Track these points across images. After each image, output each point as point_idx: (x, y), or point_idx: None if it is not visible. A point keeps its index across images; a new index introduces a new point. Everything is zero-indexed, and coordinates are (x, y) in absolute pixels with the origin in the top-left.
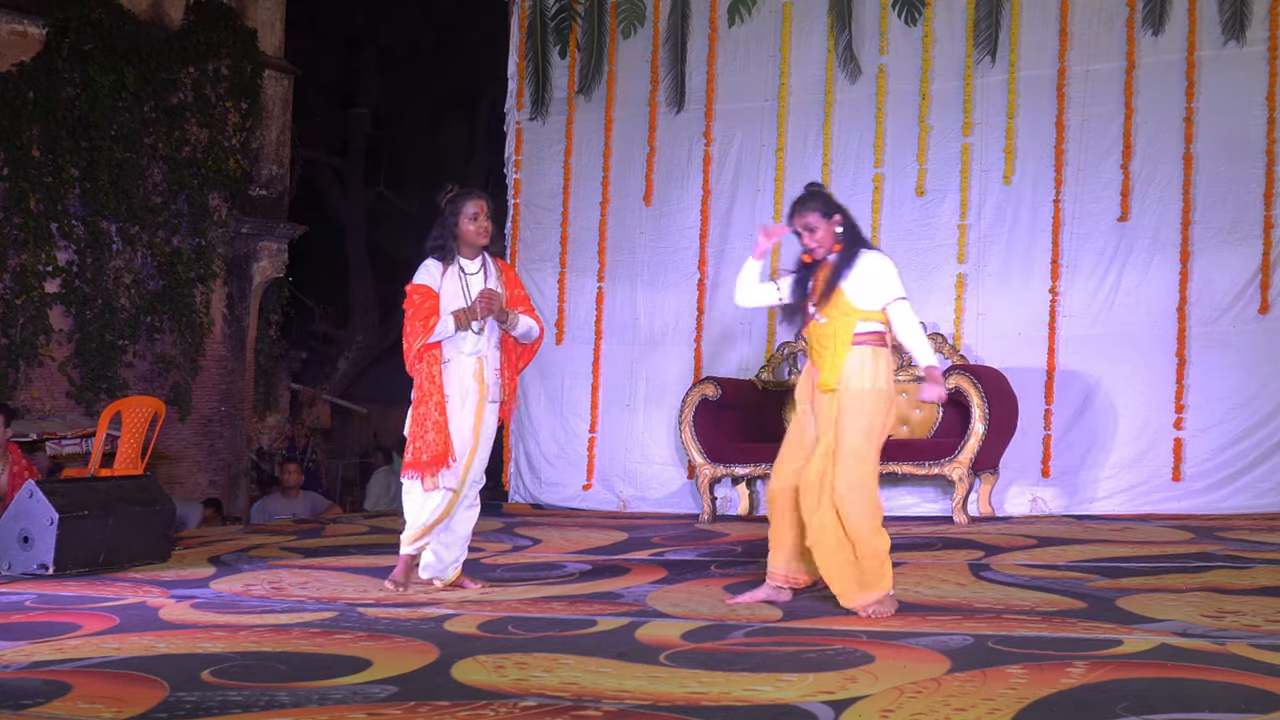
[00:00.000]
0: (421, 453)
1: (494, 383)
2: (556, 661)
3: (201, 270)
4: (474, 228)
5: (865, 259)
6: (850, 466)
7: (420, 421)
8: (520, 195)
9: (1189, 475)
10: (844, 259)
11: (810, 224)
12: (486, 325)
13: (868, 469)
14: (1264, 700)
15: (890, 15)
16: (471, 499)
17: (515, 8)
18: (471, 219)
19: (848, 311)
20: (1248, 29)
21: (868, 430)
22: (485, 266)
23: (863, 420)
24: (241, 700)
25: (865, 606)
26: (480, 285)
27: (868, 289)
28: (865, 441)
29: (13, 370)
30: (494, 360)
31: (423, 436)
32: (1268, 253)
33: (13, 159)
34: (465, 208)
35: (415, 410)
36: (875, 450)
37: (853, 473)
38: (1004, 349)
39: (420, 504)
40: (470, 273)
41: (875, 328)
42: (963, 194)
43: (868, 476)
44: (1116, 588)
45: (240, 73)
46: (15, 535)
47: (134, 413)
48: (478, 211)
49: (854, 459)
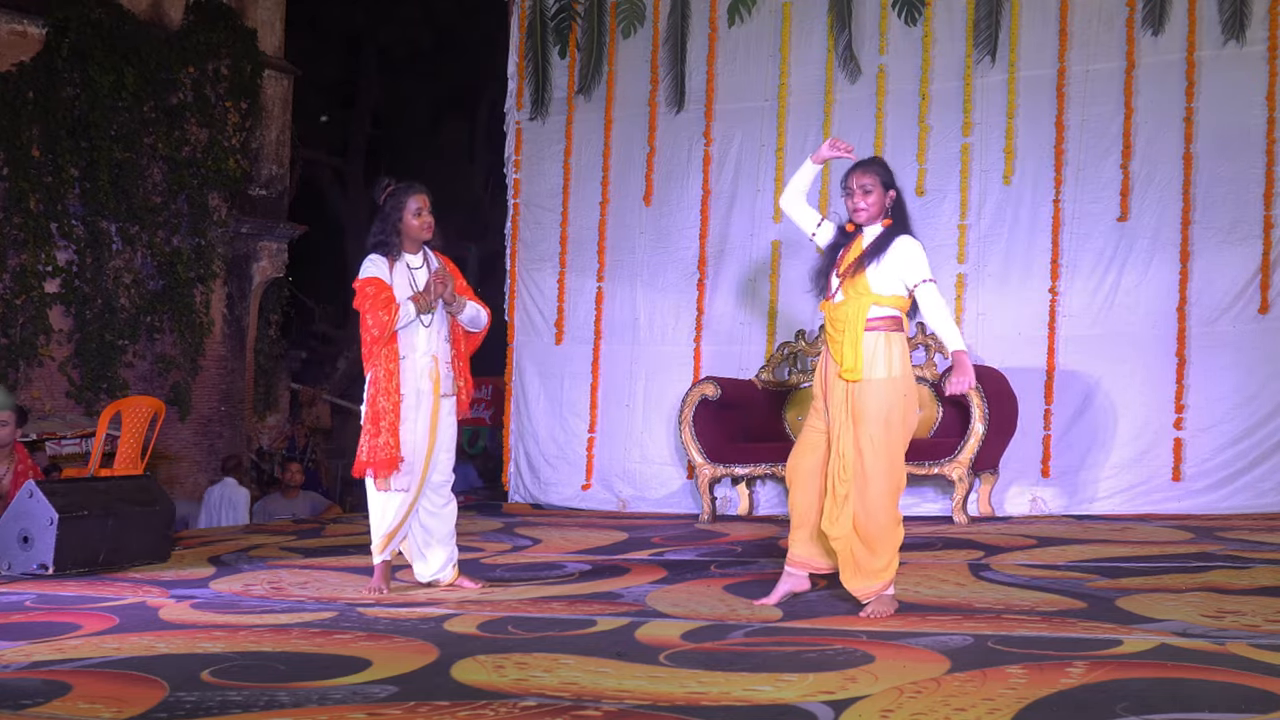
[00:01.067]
0: (375, 453)
1: (447, 375)
2: (556, 661)
3: (201, 270)
4: (418, 223)
5: (900, 243)
6: (870, 456)
7: (375, 420)
8: (520, 195)
9: (1189, 475)
10: (883, 238)
11: (867, 185)
12: (436, 318)
13: (885, 459)
14: (1264, 700)
15: (890, 15)
16: (445, 498)
17: (515, 8)
18: (415, 214)
19: (864, 293)
20: (1247, 29)
21: (886, 418)
22: (427, 260)
23: (881, 408)
24: (241, 700)
25: (866, 597)
26: (425, 279)
27: (891, 272)
28: (883, 430)
29: (13, 370)
30: (445, 354)
31: (375, 437)
32: (1268, 252)
33: (13, 159)
34: (408, 203)
35: (370, 408)
36: (896, 440)
37: (871, 462)
38: (1004, 349)
39: (381, 508)
40: (414, 267)
41: (890, 312)
42: (962, 194)
43: (888, 466)
44: (1116, 588)
45: (240, 73)
46: (15, 535)
47: (134, 413)
48: (420, 206)
49: (871, 448)
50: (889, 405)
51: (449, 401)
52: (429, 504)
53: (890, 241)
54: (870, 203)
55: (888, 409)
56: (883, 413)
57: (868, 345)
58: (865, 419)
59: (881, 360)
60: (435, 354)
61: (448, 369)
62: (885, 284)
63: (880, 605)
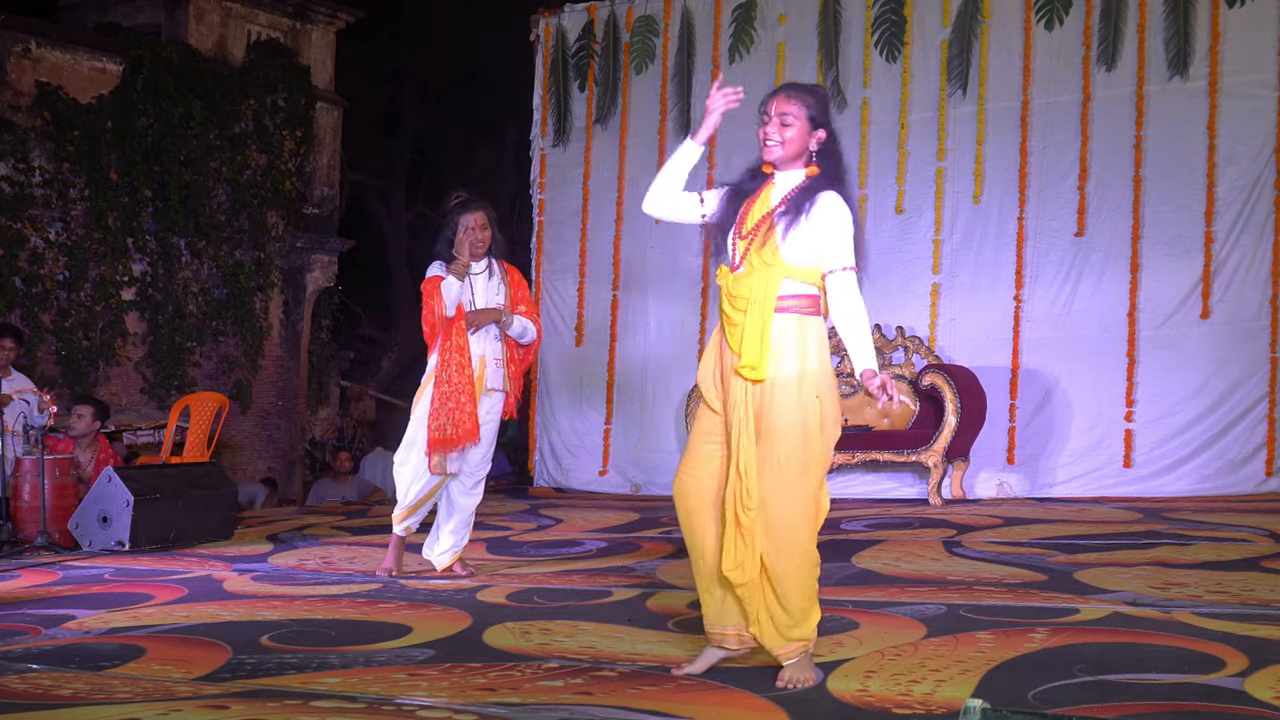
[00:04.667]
0: (445, 429)
1: (495, 371)
2: (576, 628)
3: (261, 280)
4: (468, 239)
5: (824, 202)
6: (779, 480)
7: (444, 400)
8: (544, 214)
9: (1138, 462)
10: (804, 192)
11: (788, 116)
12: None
13: (800, 481)
14: (1206, 662)
15: (873, 53)
16: (474, 483)
17: (539, 46)
18: (466, 231)
19: (773, 262)
20: (1190, 66)
21: (802, 428)
22: (490, 266)
23: (793, 414)
24: (296, 662)
25: (786, 656)
26: (484, 284)
27: (811, 241)
28: (799, 443)
29: (93, 369)
30: (495, 352)
31: (448, 415)
32: (1208, 264)
33: (93, 181)
34: (464, 220)
35: (438, 389)
36: (815, 455)
37: (782, 484)
38: (973, 350)
39: (409, 481)
40: (474, 273)
41: (805, 289)
42: (937, 212)
43: (805, 490)
44: (1074, 562)
45: (295, 105)
46: (95, 516)
47: (201, 407)
48: (473, 224)
49: (783, 470)
50: (804, 410)
51: (493, 398)
52: (460, 485)
53: (813, 198)
54: (787, 138)
55: (802, 416)
56: (796, 421)
57: (776, 333)
58: (774, 429)
59: (792, 352)
60: (483, 353)
61: (496, 365)
62: (802, 252)
63: (799, 668)
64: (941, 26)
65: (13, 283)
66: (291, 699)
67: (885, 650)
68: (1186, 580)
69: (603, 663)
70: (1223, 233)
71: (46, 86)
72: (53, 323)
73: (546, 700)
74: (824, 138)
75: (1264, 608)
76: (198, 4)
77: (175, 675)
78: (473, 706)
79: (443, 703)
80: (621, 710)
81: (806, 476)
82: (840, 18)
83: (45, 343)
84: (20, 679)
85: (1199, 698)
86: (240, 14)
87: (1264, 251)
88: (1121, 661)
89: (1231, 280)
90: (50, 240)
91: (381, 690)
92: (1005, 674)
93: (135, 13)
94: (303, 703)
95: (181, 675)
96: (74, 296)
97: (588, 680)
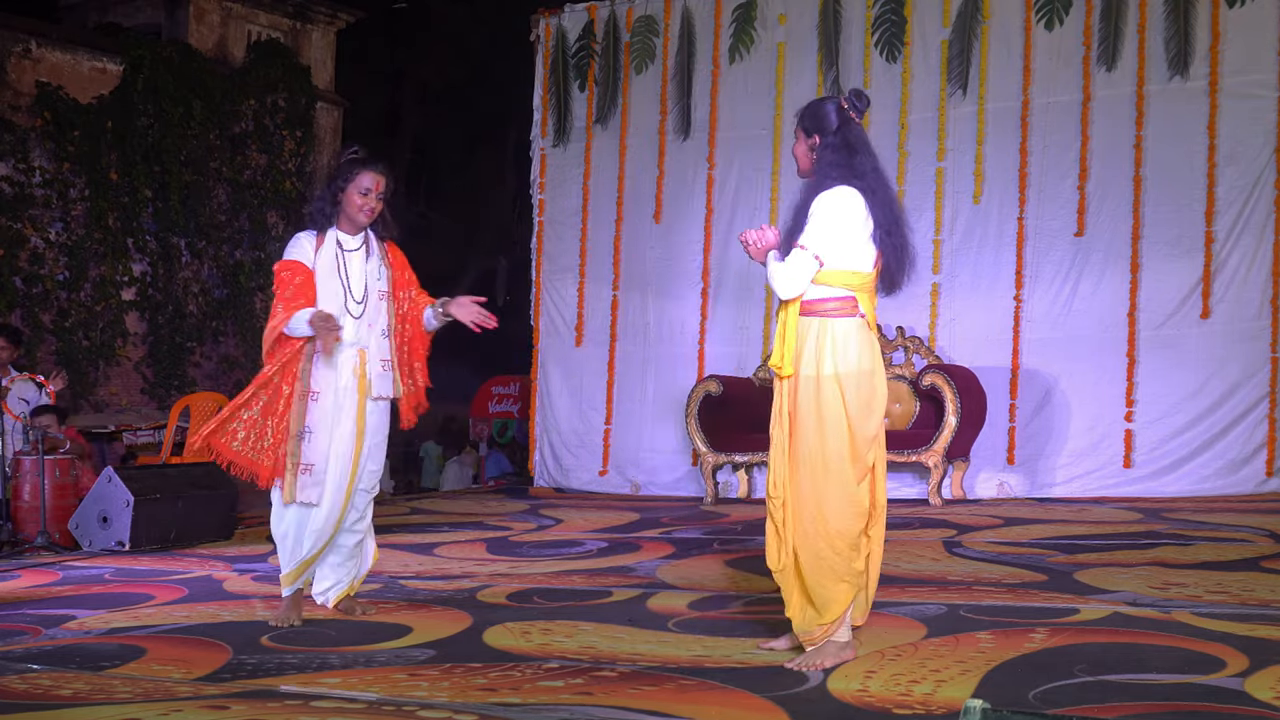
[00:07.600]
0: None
1: (379, 375)
2: (576, 628)
3: (261, 280)
4: (360, 201)
5: (815, 201)
6: (802, 473)
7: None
8: (545, 213)
9: (1138, 463)
10: (804, 200)
11: (797, 133)
12: (370, 309)
13: (824, 477)
14: (1205, 662)
15: (873, 53)
16: (361, 509)
17: (540, 46)
18: (362, 193)
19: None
20: (1190, 66)
21: (823, 425)
22: (367, 244)
23: (811, 411)
24: (296, 662)
25: (808, 643)
26: (359, 265)
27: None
28: (818, 440)
29: (93, 369)
30: (380, 350)
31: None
32: (1208, 264)
33: (93, 181)
34: (360, 178)
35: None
36: (835, 454)
37: (805, 481)
38: (974, 350)
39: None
40: (348, 249)
41: (833, 292)
42: (937, 212)
43: (824, 485)
44: (1074, 562)
45: (295, 105)
46: (95, 516)
47: (201, 407)
48: (371, 187)
49: (804, 465)
50: (822, 408)
51: (380, 406)
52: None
53: (809, 202)
54: (797, 155)
55: (820, 413)
56: (814, 418)
57: (800, 333)
58: (797, 426)
59: (810, 352)
60: (363, 347)
61: (381, 368)
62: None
63: (815, 655)
64: (941, 26)
65: (13, 283)
66: (292, 699)
67: (885, 650)
68: (1186, 580)
69: (603, 663)
70: (1223, 233)
71: (47, 86)
72: (53, 323)
73: (546, 700)
74: (817, 141)
75: (1264, 608)
76: (198, 4)
77: (175, 675)
78: (473, 707)
79: (443, 703)
80: (621, 710)
81: (828, 472)
82: (840, 18)
83: (45, 343)
84: (20, 679)
85: (1199, 698)
86: (240, 14)
87: (1264, 251)
88: (1121, 661)
89: (1232, 280)
90: (50, 240)
91: (382, 690)
92: (1005, 674)
93: (135, 13)
94: (303, 703)
95: (182, 675)
96: (74, 296)
97: (588, 680)
